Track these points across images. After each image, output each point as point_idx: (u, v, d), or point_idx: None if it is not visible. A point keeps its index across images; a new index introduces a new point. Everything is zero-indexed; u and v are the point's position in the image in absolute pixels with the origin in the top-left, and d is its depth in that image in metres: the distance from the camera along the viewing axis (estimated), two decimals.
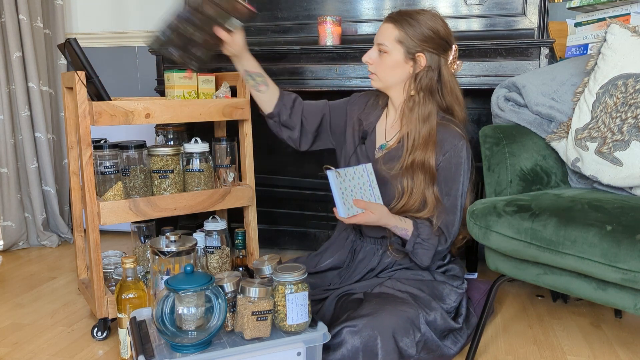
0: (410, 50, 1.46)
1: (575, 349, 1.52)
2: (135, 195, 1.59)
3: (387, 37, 1.48)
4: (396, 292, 1.43)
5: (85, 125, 1.51)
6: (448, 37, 1.49)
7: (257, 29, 2.29)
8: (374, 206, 1.43)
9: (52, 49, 2.56)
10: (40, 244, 2.50)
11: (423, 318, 1.35)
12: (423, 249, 1.46)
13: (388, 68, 1.50)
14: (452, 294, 1.49)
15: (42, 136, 2.44)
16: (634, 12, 1.64)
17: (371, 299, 1.39)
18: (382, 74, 1.51)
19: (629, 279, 1.10)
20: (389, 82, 1.52)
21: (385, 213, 1.44)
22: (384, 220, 1.44)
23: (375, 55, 1.52)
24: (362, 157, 1.58)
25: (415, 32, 1.45)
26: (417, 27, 1.46)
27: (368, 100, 1.65)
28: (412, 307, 1.36)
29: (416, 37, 1.45)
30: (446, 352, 1.40)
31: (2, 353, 1.52)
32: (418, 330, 1.32)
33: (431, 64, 1.47)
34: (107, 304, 1.56)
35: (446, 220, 1.48)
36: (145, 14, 2.62)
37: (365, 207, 1.42)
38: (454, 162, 1.47)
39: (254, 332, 1.18)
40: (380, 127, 1.59)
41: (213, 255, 1.73)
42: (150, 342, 1.18)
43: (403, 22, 1.47)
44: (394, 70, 1.49)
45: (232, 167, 1.80)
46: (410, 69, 1.48)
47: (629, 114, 1.38)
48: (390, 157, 1.52)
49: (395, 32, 1.47)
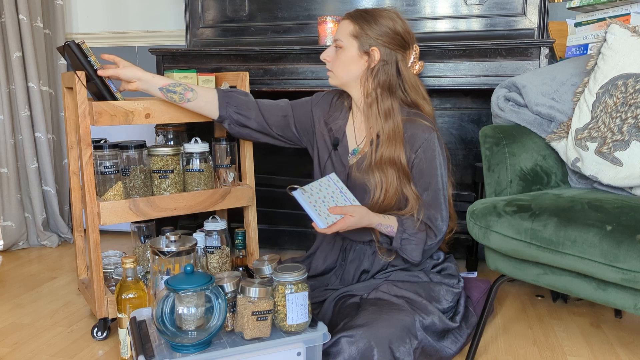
0: (364, 44, 1.47)
1: (575, 349, 1.52)
2: (135, 195, 1.59)
3: (343, 32, 1.50)
4: (392, 297, 1.42)
5: (85, 125, 1.51)
6: (405, 35, 1.49)
7: (257, 29, 2.29)
8: (351, 209, 1.40)
9: (52, 49, 2.56)
10: (40, 244, 2.50)
11: (419, 324, 1.35)
12: (411, 245, 1.45)
13: (343, 63, 1.50)
14: (448, 294, 1.49)
15: (42, 136, 2.44)
16: (634, 12, 1.64)
17: (367, 307, 1.38)
18: (337, 70, 1.52)
19: (629, 279, 1.10)
20: (345, 78, 1.52)
21: (365, 212, 1.43)
22: (365, 220, 1.42)
23: (332, 52, 1.53)
24: (337, 163, 1.58)
25: (370, 27, 1.46)
26: (372, 22, 1.47)
27: (331, 100, 1.64)
28: (408, 314, 1.35)
29: (371, 31, 1.46)
30: (445, 354, 1.40)
31: (2, 353, 1.52)
32: (415, 337, 1.32)
33: (386, 58, 1.47)
34: (107, 304, 1.56)
35: (429, 214, 1.46)
36: (145, 14, 2.62)
37: (341, 212, 1.40)
38: (428, 156, 1.46)
39: (254, 332, 1.18)
40: (350, 130, 1.59)
41: (213, 255, 1.73)
42: (150, 342, 1.18)
43: (359, 17, 1.49)
44: (348, 66, 1.50)
45: (232, 167, 1.80)
46: (365, 64, 1.48)
47: (629, 114, 1.38)
48: (362, 161, 1.52)
49: (350, 27, 1.49)
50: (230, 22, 2.32)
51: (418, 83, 1.53)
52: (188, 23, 2.35)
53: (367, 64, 1.48)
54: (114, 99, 1.56)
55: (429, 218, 1.47)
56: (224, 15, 2.32)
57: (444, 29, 2.11)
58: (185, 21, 2.35)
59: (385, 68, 1.47)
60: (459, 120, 2.26)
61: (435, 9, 2.10)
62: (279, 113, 1.65)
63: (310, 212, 1.40)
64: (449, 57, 1.91)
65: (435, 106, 2.27)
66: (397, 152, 1.44)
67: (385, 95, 1.47)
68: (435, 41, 1.96)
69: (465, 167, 2.26)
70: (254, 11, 2.28)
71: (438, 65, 1.92)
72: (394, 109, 1.46)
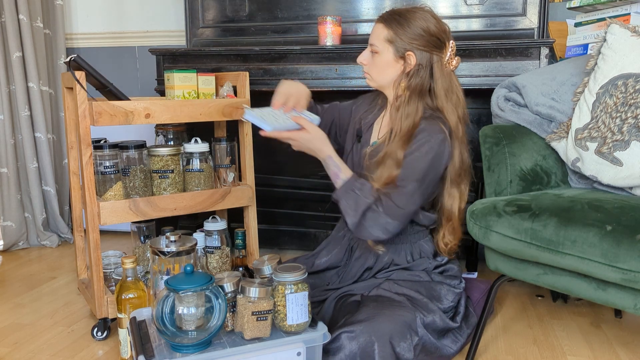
0: (399, 49, 1.46)
1: (575, 349, 1.52)
2: (135, 195, 1.59)
3: (377, 37, 1.48)
4: (393, 294, 1.42)
5: (85, 125, 1.51)
6: (440, 35, 1.46)
7: (257, 29, 2.29)
8: (311, 126, 1.41)
9: (52, 49, 2.56)
10: (40, 244, 2.50)
11: (420, 321, 1.35)
12: (352, 200, 1.40)
13: (379, 68, 1.49)
14: (449, 294, 1.49)
15: (42, 136, 2.44)
16: (634, 12, 1.64)
17: (368, 303, 1.38)
18: (374, 73, 1.52)
19: (629, 279, 1.10)
20: (381, 82, 1.52)
21: (322, 137, 1.41)
22: (318, 143, 1.41)
23: (368, 55, 1.52)
24: (356, 155, 1.58)
25: (404, 31, 1.44)
26: (406, 26, 1.44)
27: (373, 100, 1.65)
28: (409, 310, 1.35)
29: (405, 35, 1.44)
30: (446, 352, 1.40)
31: (2, 353, 1.52)
32: (415, 334, 1.32)
33: (422, 62, 1.45)
34: (107, 304, 1.56)
35: (390, 194, 1.40)
36: (145, 14, 2.62)
37: (303, 125, 1.40)
38: (424, 150, 1.41)
39: (254, 332, 1.18)
40: (377, 126, 1.59)
41: (213, 255, 1.73)
42: (150, 342, 1.18)
43: (392, 21, 1.46)
44: (385, 70, 1.49)
45: (232, 167, 1.80)
46: (401, 67, 1.47)
47: (629, 114, 1.38)
48: (375, 152, 1.51)
49: (384, 32, 1.47)
50: (230, 22, 2.32)
51: (452, 85, 1.49)
52: (188, 23, 2.35)
53: (403, 68, 1.47)
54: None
55: (387, 195, 1.40)
56: (224, 15, 2.32)
57: None
58: (185, 21, 2.35)
59: (420, 72, 1.45)
60: None
61: (435, 9, 2.10)
62: (329, 120, 1.69)
63: (257, 121, 1.39)
64: None
65: None
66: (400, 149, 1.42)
67: (414, 99, 1.45)
68: None
69: None
70: (254, 11, 2.28)
71: None
72: (417, 111, 1.45)
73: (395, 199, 1.38)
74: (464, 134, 1.49)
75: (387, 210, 1.38)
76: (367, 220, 1.39)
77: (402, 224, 1.41)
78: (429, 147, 1.40)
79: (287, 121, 1.45)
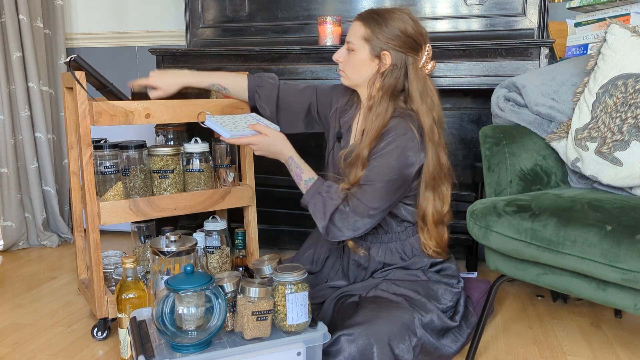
0: (375, 48, 1.46)
1: (575, 349, 1.52)
2: (135, 195, 1.59)
3: (355, 35, 1.49)
4: (391, 295, 1.42)
5: (85, 125, 1.51)
6: (417, 37, 1.47)
7: (257, 29, 2.29)
8: (269, 130, 1.45)
9: (52, 49, 2.56)
10: (40, 244, 2.50)
11: (419, 321, 1.35)
12: (320, 203, 1.41)
13: (355, 66, 1.50)
14: (447, 294, 1.49)
15: (42, 136, 2.44)
16: (634, 12, 1.64)
17: (366, 305, 1.38)
18: (349, 71, 1.52)
19: (629, 279, 1.10)
20: (356, 80, 1.53)
21: (282, 139, 1.44)
22: (278, 145, 1.44)
23: (344, 53, 1.53)
24: (336, 156, 1.58)
25: (381, 30, 1.45)
26: (383, 25, 1.45)
27: (350, 95, 1.64)
28: (407, 311, 1.35)
29: (382, 35, 1.45)
30: (445, 352, 1.40)
31: (2, 353, 1.52)
32: (414, 335, 1.32)
33: (397, 62, 1.45)
34: (107, 304, 1.56)
35: (357, 192, 1.40)
36: (145, 14, 2.62)
37: (260, 130, 1.44)
38: (391, 147, 1.41)
39: (254, 332, 1.18)
40: (354, 126, 1.59)
41: (213, 255, 1.73)
42: (150, 342, 1.18)
43: (370, 20, 1.47)
44: (360, 68, 1.49)
45: (232, 167, 1.80)
46: (376, 67, 1.48)
47: (629, 114, 1.38)
48: (349, 154, 1.51)
49: (362, 30, 1.48)
50: (230, 22, 2.32)
51: (427, 88, 1.49)
52: (188, 23, 2.35)
53: (378, 67, 1.48)
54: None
55: (354, 193, 1.41)
56: (224, 15, 2.32)
57: (444, 29, 2.11)
58: (185, 21, 2.35)
59: (394, 72, 1.46)
60: (459, 120, 2.26)
61: (435, 9, 2.10)
62: (301, 107, 1.69)
63: (216, 127, 1.43)
64: (449, 57, 1.91)
65: None
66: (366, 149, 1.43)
67: (385, 99, 1.45)
68: (435, 41, 1.96)
69: (465, 167, 2.26)
70: (254, 11, 2.28)
71: (438, 65, 1.92)
72: (387, 111, 1.45)
73: (362, 197, 1.39)
74: (440, 137, 1.49)
75: (354, 209, 1.40)
76: (336, 222, 1.41)
77: (372, 221, 1.42)
78: (396, 145, 1.40)
79: (247, 128, 1.47)
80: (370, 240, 1.54)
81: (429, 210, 1.47)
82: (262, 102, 1.69)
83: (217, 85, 1.68)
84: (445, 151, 1.51)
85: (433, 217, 1.48)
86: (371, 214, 1.40)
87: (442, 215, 1.50)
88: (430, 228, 1.49)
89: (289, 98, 1.69)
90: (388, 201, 1.41)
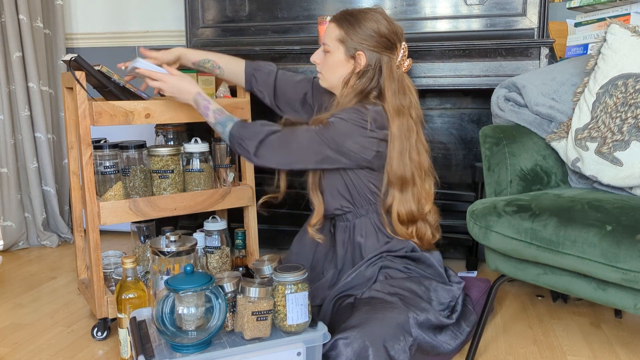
0: (349, 48, 1.48)
1: (575, 349, 1.52)
2: (135, 195, 1.59)
3: (329, 36, 1.51)
4: (385, 295, 1.41)
5: (85, 125, 1.51)
6: (391, 36, 1.48)
7: (257, 29, 2.29)
8: (177, 71, 1.53)
9: (52, 49, 2.56)
10: (40, 244, 2.50)
11: (414, 321, 1.34)
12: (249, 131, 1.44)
13: (331, 67, 1.52)
14: (442, 291, 1.47)
15: (42, 136, 2.44)
16: (634, 12, 1.64)
17: (361, 307, 1.38)
18: (326, 72, 1.54)
19: (629, 279, 1.10)
20: (332, 81, 1.55)
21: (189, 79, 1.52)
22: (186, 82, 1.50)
23: (321, 55, 1.55)
24: None
25: (355, 31, 1.47)
26: (357, 26, 1.47)
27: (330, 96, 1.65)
28: (402, 311, 1.34)
29: (356, 35, 1.47)
30: (444, 349, 1.39)
31: (2, 353, 1.52)
32: (409, 334, 1.31)
33: (371, 62, 1.48)
34: (107, 304, 1.56)
35: (295, 128, 1.44)
36: (145, 14, 2.62)
37: (171, 71, 1.52)
38: (342, 115, 1.43)
39: (254, 332, 1.18)
40: None
41: (213, 255, 1.73)
42: (150, 342, 1.18)
43: (344, 21, 1.49)
44: (336, 69, 1.52)
45: (232, 167, 1.80)
46: (352, 67, 1.50)
47: (629, 114, 1.38)
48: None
49: (336, 32, 1.50)
50: (230, 22, 2.32)
51: (403, 86, 1.50)
52: (188, 23, 2.35)
53: (353, 67, 1.50)
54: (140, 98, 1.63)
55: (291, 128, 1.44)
56: (224, 15, 2.32)
57: (444, 29, 2.11)
58: (185, 21, 2.35)
59: (369, 73, 1.48)
60: (459, 120, 2.26)
61: (435, 9, 2.10)
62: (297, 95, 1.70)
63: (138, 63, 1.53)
64: (449, 57, 1.91)
65: (435, 106, 2.27)
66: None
67: (353, 96, 1.48)
68: (435, 41, 1.96)
69: (465, 167, 2.27)
70: (254, 11, 2.28)
71: (438, 65, 1.92)
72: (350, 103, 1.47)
73: (296, 131, 1.43)
74: (419, 135, 1.51)
75: (283, 137, 1.42)
76: (264, 147, 1.42)
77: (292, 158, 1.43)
78: (348, 115, 1.42)
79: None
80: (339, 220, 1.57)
81: (394, 207, 1.49)
82: (259, 87, 1.71)
83: (211, 62, 1.70)
84: (426, 149, 1.53)
85: (401, 217, 1.49)
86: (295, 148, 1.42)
87: (417, 215, 1.51)
88: (395, 224, 1.50)
89: (286, 87, 1.71)
90: (318, 153, 1.42)
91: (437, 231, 1.58)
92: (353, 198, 1.53)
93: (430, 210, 1.54)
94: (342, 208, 1.55)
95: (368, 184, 1.51)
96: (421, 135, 1.53)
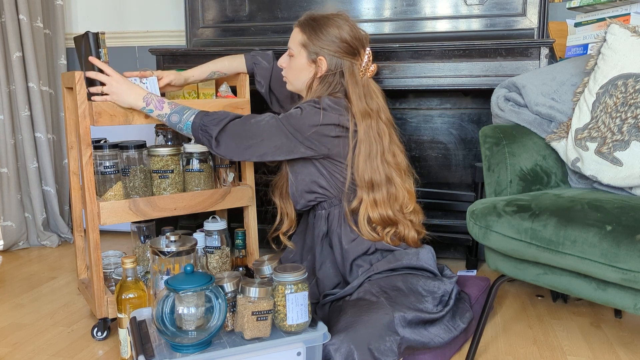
0: (312, 53, 1.51)
1: (575, 349, 1.52)
2: (135, 195, 1.59)
3: (293, 41, 1.55)
4: (372, 296, 1.40)
5: (85, 125, 1.51)
6: (353, 42, 1.51)
7: (257, 29, 2.29)
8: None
9: (52, 49, 2.56)
10: (40, 244, 2.50)
11: (400, 319, 1.32)
12: (213, 119, 1.46)
13: (295, 71, 1.56)
14: (431, 287, 1.46)
15: (42, 136, 2.44)
16: (634, 12, 1.64)
17: (347, 310, 1.38)
18: (290, 76, 1.58)
19: (629, 279, 1.10)
20: (297, 85, 1.58)
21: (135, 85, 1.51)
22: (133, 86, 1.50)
23: (286, 59, 1.58)
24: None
25: (317, 36, 1.50)
26: (319, 32, 1.50)
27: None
28: (387, 311, 1.33)
29: (317, 40, 1.50)
30: (434, 344, 1.37)
31: (2, 353, 1.52)
32: (396, 334, 1.30)
33: (332, 67, 1.50)
34: (107, 304, 1.56)
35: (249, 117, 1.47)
36: (145, 14, 2.62)
37: (111, 74, 1.50)
38: (297, 110, 1.46)
39: (254, 332, 1.18)
40: None
41: (213, 255, 1.73)
42: (150, 342, 1.18)
43: (307, 26, 1.52)
44: (299, 73, 1.55)
45: (232, 167, 1.80)
46: (314, 72, 1.53)
47: (629, 114, 1.38)
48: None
49: (300, 36, 1.53)
50: (230, 22, 2.32)
51: (369, 91, 1.52)
52: (188, 23, 2.35)
53: (315, 72, 1.53)
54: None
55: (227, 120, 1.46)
56: (224, 15, 2.32)
57: (444, 29, 2.11)
58: (185, 21, 2.35)
59: (330, 77, 1.51)
60: (459, 120, 2.26)
61: (435, 9, 2.10)
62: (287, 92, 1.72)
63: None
64: (449, 57, 1.91)
65: (435, 106, 2.27)
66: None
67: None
68: (435, 41, 1.96)
69: (465, 167, 2.27)
70: (254, 11, 2.28)
71: (438, 65, 1.92)
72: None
73: (258, 116, 1.46)
74: (392, 138, 1.53)
75: (245, 119, 1.46)
76: (225, 133, 1.45)
77: (249, 142, 1.45)
78: (305, 104, 1.45)
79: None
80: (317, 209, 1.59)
81: (362, 209, 1.49)
82: (259, 78, 1.76)
83: (217, 73, 1.73)
84: (401, 149, 1.56)
85: (373, 221, 1.50)
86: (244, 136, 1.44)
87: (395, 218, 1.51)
88: (361, 224, 1.50)
89: (279, 86, 1.74)
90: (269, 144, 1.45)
91: (422, 229, 1.60)
92: (327, 187, 1.54)
93: (413, 209, 1.55)
94: (315, 200, 1.57)
95: (335, 174, 1.52)
96: (394, 137, 1.56)
